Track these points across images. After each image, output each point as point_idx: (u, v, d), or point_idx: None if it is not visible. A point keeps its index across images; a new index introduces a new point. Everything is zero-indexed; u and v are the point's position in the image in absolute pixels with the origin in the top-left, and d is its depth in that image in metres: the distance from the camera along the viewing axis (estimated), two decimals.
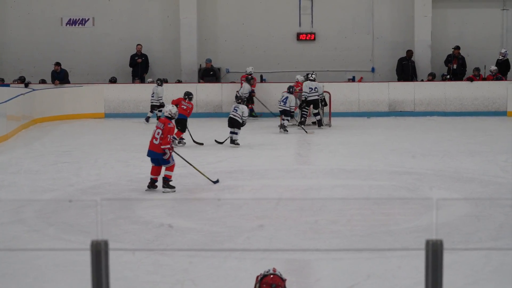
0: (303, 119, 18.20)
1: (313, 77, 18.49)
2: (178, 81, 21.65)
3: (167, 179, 11.24)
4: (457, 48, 21.61)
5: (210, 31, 22.47)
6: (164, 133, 11.16)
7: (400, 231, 8.97)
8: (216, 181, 11.60)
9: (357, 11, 22.40)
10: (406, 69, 21.69)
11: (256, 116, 20.34)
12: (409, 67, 21.67)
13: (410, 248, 8.31)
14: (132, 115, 20.60)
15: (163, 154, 11.14)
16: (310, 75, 18.65)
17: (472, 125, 19.03)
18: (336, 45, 22.46)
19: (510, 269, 7.63)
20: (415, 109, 20.76)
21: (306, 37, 22.45)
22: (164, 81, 20.79)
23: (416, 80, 21.51)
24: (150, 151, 11.28)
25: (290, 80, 20.57)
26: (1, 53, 22.55)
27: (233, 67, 22.45)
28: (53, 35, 22.43)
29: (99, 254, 3.68)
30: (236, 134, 15.56)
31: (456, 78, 21.39)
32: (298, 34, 22.48)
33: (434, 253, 3.66)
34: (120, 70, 22.21)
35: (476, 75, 21.02)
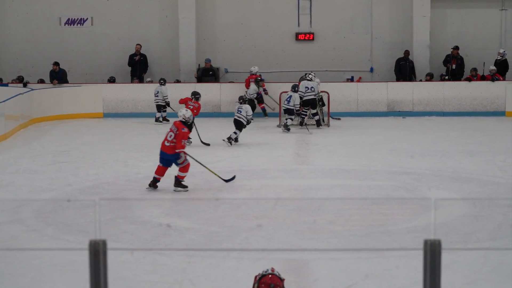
0: (302, 119, 18.21)
1: (310, 77, 18.50)
2: (177, 81, 21.63)
3: (179, 179, 11.20)
4: (456, 48, 21.61)
5: (209, 31, 22.46)
6: (177, 137, 11.11)
7: (399, 231, 8.98)
8: (231, 179, 11.62)
9: (356, 11, 22.39)
10: (404, 69, 21.68)
11: (266, 116, 20.20)
12: (407, 67, 21.66)
13: (408, 248, 8.32)
14: (131, 115, 20.58)
15: (177, 158, 11.12)
16: (307, 75, 18.66)
17: (471, 125, 19.03)
18: (335, 45, 22.45)
19: (509, 269, 7.63)
20: (414, 109, 20.75)
21: (305, 37, 22.44)
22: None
23: (415, 80, 21.52)
24: (161, 151, 11.28)
25: (289, 80, 20.56)
26: (0, 53, 22.54)
27: (232, 67, 22.44)
28: (52, 35, 22.42)
29: (98, 254, 3.68)
30: (235, 134, 15.58)
31: (455, 78, 21.39)
32: (297, 34, 22.46)
33: (432, 253, 3.66)
34: (119, 70, 22.20)
35: (474, 75, 21.03)
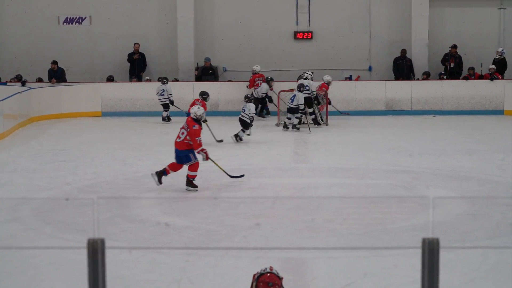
0: (300, 118, 18.21)
1: (306, 76, 18.48)
2: (175, 80, 21.62)
3: (190, 179, 11.12)
4: (454, 47, 21.61)
5: (207, 30, 22.46)
6: (190, 136, 11.00)
7: (397, 230, 8.98)
8: (240, 176, 11.61)
9: (354, 10, 22.39)
10: (401, 68, 21.69)
11: (265, 117, 20.12)
12: (404, 66, 21.67)
13: (407, 247, 8.32)
14: (129, 114, 20.59)
15: (187, 156, 11.04)
16: (303, 74, 18.66)
17: (469, 124, 19.03)
18: (333, 44, 22.45)
19: (507, 268, 7.64)
20: (412, 108, 20.76)
21: (303, 36, 22.43)
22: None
23: (414, 79, 21.52)
24: (174, 148, 11.22)
25: (288, 79, 20.58)
26: None
27: (230, 66, 22.44)
28: (50, 34, 22.41)
29: (96, 253, 3.68)
30: (243, 132, 15.72)
31: (453, 77, 21.39)
32: (295, 33, 22.46)
33: (431, 252, 3.66)
34: (117, 69, 22.19)
35: (471, 74, 21.03)
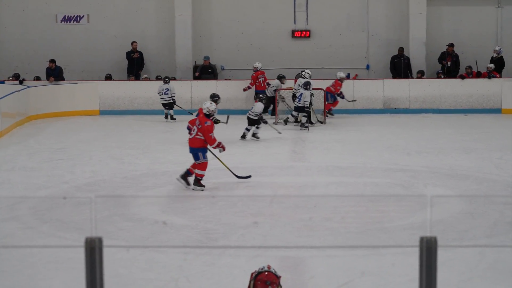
0: (296, 117, 18.25)
1: (303, 74, 18.47)
2: (173, 78, 21.59)
3: (198, 178, 11.11)
4: (451, 46, 21.61)
5: (205, 28, 22.44)
6: (202, 132, 10.97)
7: (395, 228, 8.99)
8: (247, 177, 11.60)
9: (352, 9, 22.39)
10: (398, 67, 21.69)
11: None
12: (401, 65, 21.67)
13: (405, 245, 8.32)
14: (127, 112, 20.56)
15: (198, 153, 11.02)
16: (301, 73, 18.65)
17: (467, 123, 19.03)
18: (331, 42, 22.45)
19: (505, 266, 7.64)
20: (410, 106, 20.77)
21: (301, 34, 22.43)
22: (160, 78, 20.79)
23: (412, 77, 21.53)
24: (189, 147, 11.20)
25: (286, 77, 20.51)
26: None
27: (228, 64, 22.43)
28: (48, 32, 22.39)
29: (93, 251, 3.68)
30: (257, 128, 15.94)
31: (450, 76, 21.39)
32: (293, 31, 22.46)
33: (428, 250, 3.66)
34: (115, 67, 22.18)
35: (469, 73, 21.03)
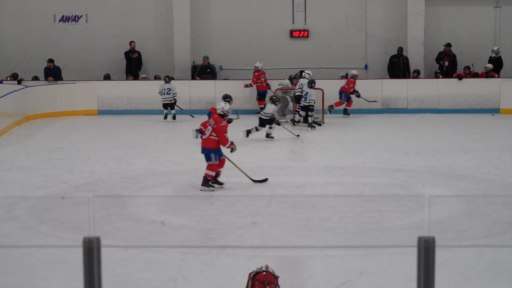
0: (294, 116, 18.28)
1: (304, 75, 18.47)
2: (172, 78, 21.58)
3: (207, 178, 11.06)
4: (448, 45, 21.61)
5: (203, 28, 22.44)
6: (217, 132, 10.96)
7: (393, 228, 8.99)
8: (263, 180, 11.54)
9: (350, 9, 22.40)
10: (397, 67, 21.70)
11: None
12: (400, 64, 21.67)
13: (403, 245, 8.32)
14: (125, 112, 20.55)
15: (211, 154, 11.00)
16: (300, 73, 18.67)
17: (465, 122, 19.03)
18: (329, 42, 22.46)
19: (503, 266, 7.64)
20: (408, 106, 20.77)
21: (299, 34, 22.43)
22: (158, 78, 20.82)
23: (410, 77, 21.53)
24: (202, 147, 11.16)
25: (284, 77, 20.53)
26: None
27: (226, 64, 22.42)
28: (46, 32, 22.38)
29: (92, 251, 3.67)
30: (271, 129, 15.92)
31: (448, 76, 21.40)
32: (291, 31, 22.46)
33: (427, 250, 3.66)
34: (114, 67, 22.17)
35: (467, 73, 21.04)
